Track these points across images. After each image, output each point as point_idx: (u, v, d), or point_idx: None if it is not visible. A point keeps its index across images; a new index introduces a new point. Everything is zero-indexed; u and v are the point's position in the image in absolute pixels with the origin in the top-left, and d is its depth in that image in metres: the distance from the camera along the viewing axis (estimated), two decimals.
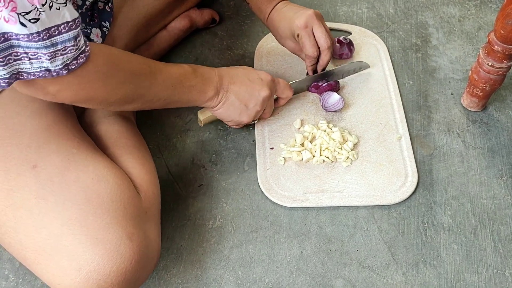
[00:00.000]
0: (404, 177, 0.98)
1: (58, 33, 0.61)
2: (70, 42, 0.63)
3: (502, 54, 0.94)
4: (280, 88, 1.00)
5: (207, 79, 0.88)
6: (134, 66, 0.77)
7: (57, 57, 0.63)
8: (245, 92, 0.93)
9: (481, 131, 1.06)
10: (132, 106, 0.81)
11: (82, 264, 0.69)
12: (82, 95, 0.71)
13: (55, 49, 0.62)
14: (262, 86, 0.94)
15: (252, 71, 0.95)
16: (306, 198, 0.95)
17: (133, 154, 0.86)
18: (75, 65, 0.65)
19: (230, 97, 0.92)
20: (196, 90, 0.87)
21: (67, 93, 0.69)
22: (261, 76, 0.95)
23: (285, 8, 1.02)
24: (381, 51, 1.19)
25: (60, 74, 0.65)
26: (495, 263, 0.89)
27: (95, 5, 0.92)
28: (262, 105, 0.96)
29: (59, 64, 0.63)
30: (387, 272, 0.89)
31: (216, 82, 0.90)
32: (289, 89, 1.02)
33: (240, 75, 0.93)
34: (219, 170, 1.01)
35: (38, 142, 0.76)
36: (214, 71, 0.91)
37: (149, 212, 0.80)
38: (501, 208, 0.96)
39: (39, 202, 0.71)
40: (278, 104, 1.04)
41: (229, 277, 0.88)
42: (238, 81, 0.92)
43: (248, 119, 0.96)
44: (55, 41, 0.61)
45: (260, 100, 0.95)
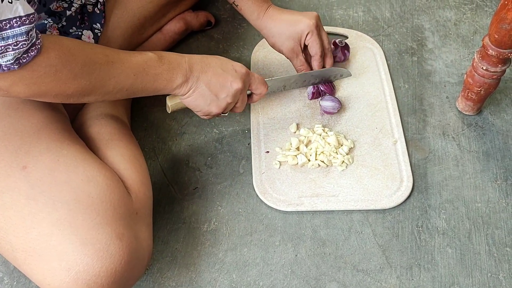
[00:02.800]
0: (399, 182, 0.98)
1: (9, 27, 0.61)
2: (22, 36, 0.62)
3: (497, 58, 0.95)
4: (254, 82, 0.95)
5: (175, 67, 0.85)
6: (90, 57, 0.74)
7: (8, 52, 0.62)
8: (217, 82, 0.89)
9: (476, 134, 1.06)
10: (92, 98, 0.78)
11: (72, 264, 0.69)
12: (34, 89, 0.69)
13: (5, 43, 0.61)
14: (235, 78, 0.90)
15: (227, 62, 0.92)
16: (301, 202, 0.95)
17: (125, 155, 0.86)
18: (25, 58, 0.64)
19: (200, 86, 0.88)
20: (162, 78, 0.83)
21: (19, 88, 0.68)
22: (235, 67, 0.91)
23: (284, 12, 1.03)
24: (377, 54, 1.19)
25: (12, 69, 0.64)
26: (489, 267, 0.90)
27: (84, 8, 0.93)
28: (233, 97, 0.91)
29: (10, 59, 0.63)
30: (381, 275, 0.89)
31: (186, 70, 0.86)
32: (263, 85, 0.97)
33: (213, 64, 0.89)
34: (214, 173, 1.01)
35: (28, 143, 0.76)
36: (184, 58, 0.87)
37: (140, 213, 0.80)
38: (495, 211, 0.96)
39: (28, 203, 0.72)
40: (251, 100, 0.99)
41: (224, 280, 0.88)
42: (210, 70, 0.88)
43: (217, 110, 0.91)
44: (5, 35, 0.61)
45: (232, 92, 0.90)
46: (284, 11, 1.03)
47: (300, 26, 1.01)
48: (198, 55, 0.90)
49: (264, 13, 1.02)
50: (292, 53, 1.05)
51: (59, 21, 0.87)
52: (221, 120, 1.06)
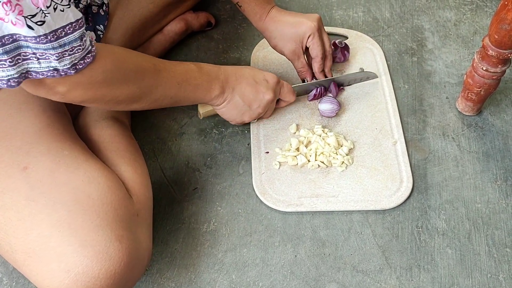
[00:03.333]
0: (399, 182, 0.98)
1: (64, 34, 0.63)
2: (76, 42, 0.64)
3: (497, 58, 0.95)
4: (284, 92, 1.01)
5: (213, 78, 0.89)
6: (140, 65, 0.78)
7: (65, 57, 0.64)
8: (250, 93, 0.94)
9: (476, 135, 1.06)
10: (140, 105, 0.82)
11: (71, 266, 0.69)
12: (90, 94, 0.72)
13: (62, 50, 0.63)
14: (267, 88, 0.95)
15: (259, 72, 0.96)
16: (301, 203, 0.95)
17: (125, 157, 0.86)
18: (82, 64, 0.67)
19: (235, 97, 0.93)
20: (202, 88, 0.88)
21: (76, 92, 0.70)
22: (267, 78, 0.96)
23: (286, 14, 1.03)
24: (377, 55, 1.19)
25: (68, 73, 0.66)
26: (489, 268, 0.89)
27: (89, 8, 0.93)
28: (265, 108, 0.98)
29: (67, 64, 0.65)
30: (381, 276, 0.89)
31: (222, 81, 0.90)
32: (292, 94, 1.03)
33: (246, 75, 0.94)
34: (214, 174, 1.01)
35: (29, 144, 0.76)
36: (220, 70, 0.91)
37: (140, 214, 0.80)
38: (495, 212, 0.96)
39: (28, 204, 0.72)
40: (279, 106, 1.05)
41: (223, 281, 0.88)
42: (244, 82, 0.93)
43: (249, 119, 0.99)
44: (62, 42, 0.63)
45: (264, 103, 0.96)
46: (287, 12, 1.03)
47: (302, 28, 1.01)
48: (231, 67, 0.94)
49: (266, 14, 1.02)
50: (294, 55, 1.05)
51: None
52: (220, 121, 1.06)
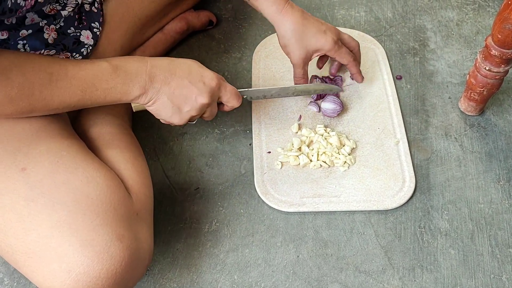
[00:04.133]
0: (402, 182, 0.98)
1: None
2: None
3: (500, 58, 0.94)
4: (225, 95, 0.89)
5: (132, 78, 0.79)
6: (29, 79, 0.70)
7: None
8: (180, 95, 0.83)
9: (478, 135, 1.06)
10: (35, 114, 0.76)
11: (72, 266, 0.68)
12: None
13: None
14: (202, 92, 0.84)
15: (196, 72, 0.85)
16: (303, 203, 0.95)
17: (125, 156, 0.85)
18: None
19: (161, 98, 0.82)
20: (115, 91, 0.78)
21: None
22: (204, 79, 0.85)
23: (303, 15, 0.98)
24: (379, 55, 1.19)
25: None
26: (492, 268, 0.89)
27: (81, 7, 0.92)
28: (198, 111, 0.86)
29: None
30: (384, 276, 0.88)
31: (145, 81, 0.80)
32: (236, 100, 0.91)
33: (178, 73, 0.83)
34: (215, 174, 1.01)
35: (27, 145, 0.75)
36: (146, 66, 0.80)
37: (141, 213, 0.79)
38: (498, 212, 0.95)
39: (28, 205, 0.71)
40: (222, 110, 0.94)
41: (225, 281, 0.88)
42: (175, 81, 0.82)
43: (180, 121, 0.86)
44: None
45: (197, 106, 0.85)
46: (305, 15, 0.98)
47: (320, 42, 0.98)
48: (164, 59, 0.84)
49: (283, 8, 0.97)
50: (300, 62, 1.01)
51: (56, 22, 0.87)
52: (222, 120, 1.05)
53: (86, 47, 0.91)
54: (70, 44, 0.88)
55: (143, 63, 0.81)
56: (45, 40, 0.85)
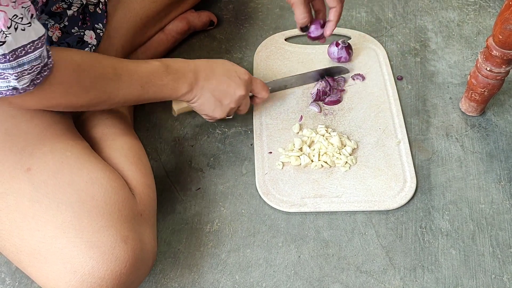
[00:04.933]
0: (403, 183, 0.98)
1: (24, 53, 0.62)
2: (36, 61, 0.64)
3: (501, 59, 0.94)
4: (256, 87, 1.00)
5: (180, 77, 0.88)
6: (99, 72, 0.77)
7: (24, 76, 0.63)
8: (221, 90, 0.93)
9: (479, 135, 1.06)
10: (101, 108, 0.83)
11: (77, 267, 0.69)
12: (45, 103, 0.72)
13: (22, 69, 0.62)
14: (239, 84, 0.94)
15: (231, 68, 0.95)
16: (304, 203, 0.95)
17: (129, 156, 0.86)
18: (39, 79, 0.66)
19: (205, 93, 0.91)
20: (168, 88, 0.87)
21: (31, 103, 0.70)
22: (239, 74, 0.95)
23: None
24: (380, 55, 1.19)
25: (28, 90, 0.66)
26: (493, 268, 0.89)
27: (86, 8, 0.92)
28: (236, 103, 0.96)
29: (26, 82, 0.64)
30: (385, 277, 0.88)
31: (191, 79, 0.89)
32: (265, 90, 1.02)
33: (217, 71, 0.93)
34: (216, 174, 1.01)
35: (32, 145, 0.75)
36: (190, 66, 0.90)
37: (144, 214, 0.79)
38: (499, 213, 0.95)
39: (33, 205, 0.71)
40: (254, 103, 1.04)
41: (226, 281, 0.88)
42: (215, 78, 0.92)
43: (221, 114, 0.96)
44: (21, 61, 0.62)
45: (235, 98, 0.95)
46: None
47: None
48: (203, 61, 0.93)
49: None
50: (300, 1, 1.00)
51: (61, 21, 0.87)
52: (223, 121, 1.06)
53: (89, 47, 0.91)
54: (74, 43, 0.89)
55: (187, 63, 0.91)
56: (50, 38, 0.85)
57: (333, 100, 1.08)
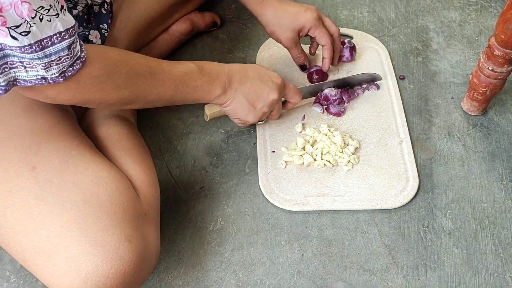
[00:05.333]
0: (405, 182, 0.98)
1: (51, 44, 0.62)
2: (64, 52, 0.63)
3: (503, 58, 0.95)
4: (289, 92, 0.99)
5: (214, 79, 0.88)
6: (133, 69, 0.77)
7: (52, 66, 0.63)
8: (254, 93, 0.92)
9: (481, 135, 1.07)
10: (134, 106, 0.81)
11: (81, 266, 0.69)
12: (80, 98, 0.71)
13: (49, 60, 0.63)
14: (272, 89, 0.94)
15: (264, 72, 0.95)
16: (307, 202, 0.95)
17: (133, 156, 0.86)
18: (71, 71, 0.66)
19: (238, 97, 0.91)
20: (202, 89, 0.86)
21: (65, 96, 0.70)
22: (272, 78, 0.95)
23: (284, 2, 1.04)
24: (382, 55, 1.19)
25: (57, 81, 0.65)
26: (496, 267, 0.90)
27: (91, 8, 0.93)
28: (269, 107, 0.95)
29: (55, 73, 0.64)
30: (388, 275, 0.89)
31: (224, 82, 0.89)
32: (298, 95, 1.01)
33: (251, 74, 0.93)
34: (220, 173, 1.01)
35: (37, 144, 0.76)
36: (224, 69, 0.90)
37: (149, 214, 0.80)
38: (501, 212, 0.96)
39: (38, 204, 0.72)
40: (286, 108, 1.04)
41: (230, 280, 0.89)
42: (248, 81, 0.91)
43: (254, 119, 0.96)
44: (48, 52, 0.62)
45: (268, 102, 0.94)
46: (284, 1, 1.04)
47: (302, 19, 1.02)
48: (236, 65, 0.93)
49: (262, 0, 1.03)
50: (292, 43, 1.06)
51: None
52: (227, 120, 1.06)
53: None
54: None
55: (221, 66, 0.90)
56: None
57: (333, 112, 1.07)
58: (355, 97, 1.10)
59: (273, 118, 1.02)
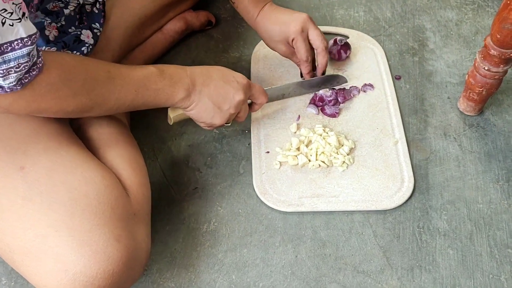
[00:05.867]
0: (400, 182, 0.97)
1: (11, 49, 0.60)
2: (23, 58, 0.61)
3: (499, 58, 0.94)
4: (255, 93, 0.97)
5: (176, 81, 0.85)
6: (90, 75, 0.74)
7: (10, 74, 0.61)
8: (219, 95, 0.89)
9: (477, 135, 1.06)
10: (93, 114, 0.79)
11: (69, 266, 0.68)
12: (34, 106, 0.69)
13: (7, 66, 0.60)
14: (237, 89, 0.91)
15: (228, 73, 0.92)
16: (302, 203, 0.95)
17: (124, 156, 0.85)
18: (27, 78, 0.64)
19: (203, 99, 0.88)
20: (164, 93, 0.84)
21: (19, 105, 0.68)
22: (237, 78, 0.92)
23: (275, 11, 1.03)
24: (378, 54, 1.19)
25: (14, 90, 0.64)
26: (491, 268, 0.89)
27: (83, 8, 0.92)
28: (236, 108, 0.92)
29: (12, 81, 0.62)
30: (382, 277, 0.88)
31: (188, 84, 0.86)
32: (264, 95, 0.98)
33: (215, 76, 0.90)
34: (214, 174, 1.00)
35: (26, 144, 0.75)
36: (186, 72, 0.87)
37: (138, 214, 0.79)
38: (497, 213, 0.95)
39: (25, 204, 0.71)
40: (252, 110, 1.00)
41: (223, 281, 0.88)
42: (212, 83, 0.89)
43: (221, 121, 0.92)
44: (7, 58, 0.60)
45: (234, 103, 0.91)
46: (277, 10, 1.03)
47: (287, 31, 1.01)
48: (199, 67, 0.90)
49: (258, 12, 1.03)
50: (287, 54, 1.06)
51: (58, 20, 0.87)
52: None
53: (86, 46, 0.91)
54: (70, 42, 0.88)
55: (183, 69, 0.87)
56: (46, 37, 0.85)
57: (328, 113, 1.06)
58: (351, 98, 1.10)
59: (240, 120, 0.98)
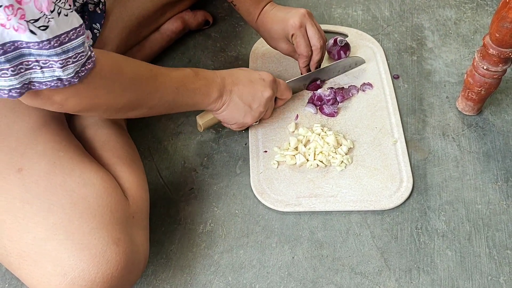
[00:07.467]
0: (399, 182, 0.97)
1: (68, 40, 0.61)
2: (80, 48, 0.62)
3: (497, 57, 0.93)
4: (280, 89, 0.99)
5: (210, 82, 0.88)
6: (137, 71, 0.77)
7: (69, 65, 0.62)
8: (248, 94, 0.92)
9: (476, 135, 1.05)
10: (138, 112, 0.80)
11: (67, 270, 0.68)
12: (88, 102, 0.70)
13: (66, 57, 0.61)
14: (265, 86, 0.94)
15: (253, 72, 0.95)
16: (299, 203, 0.94)
17: (122, 158, 0.85)
18: (84, 71, 0.65)
19: (233, 99, 0.91)
20: (200, 93, 0.87)
21: (73, 101, 0.68)
22: (262, 76, 0.95)
23: (275, 10, 1.02)
24: (376, 53, 1.18)
25: (72, 82, 0.64)
26: (490, 270, 0.88)
27: (85, 7, 0.91)
28: (265, 106, 0.96)
29: (71, 73, 0.63)
30: (380, 278, 0.87)
31: (219, 84, 0.89)
32: (288, 91, 1.02)
33: (241, 76, 0.93)
34: (210, 174, 1.00)
35: (24, 145, 0.74)
36: (216, 74, 0.90)
37: (137, 216, 0.78)
38: (496, 213, 0.94)
39: (23, 206, 0.70)
40: (277, 105, 1.03)
41: (219, 283, 0.87)
42: (241, 83, 0.92)
43: (252, 120, 0.96)
44: (66, 48, 0.61)
45: (264, 101, 0.94)
46: (277, 8, 1.03)
47: (286, 28, 1.01)
48: (225, 70, 0.93)
49: (259, 13, 1.02)
50: (289, 52, 1.06)
51: None
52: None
53: None
54: None
55: (213, 71, 0.91)
56: None
57: (327, 113, 1.05)
58: (349, 97, 1.09)
59: (266, 116, 1.02)
